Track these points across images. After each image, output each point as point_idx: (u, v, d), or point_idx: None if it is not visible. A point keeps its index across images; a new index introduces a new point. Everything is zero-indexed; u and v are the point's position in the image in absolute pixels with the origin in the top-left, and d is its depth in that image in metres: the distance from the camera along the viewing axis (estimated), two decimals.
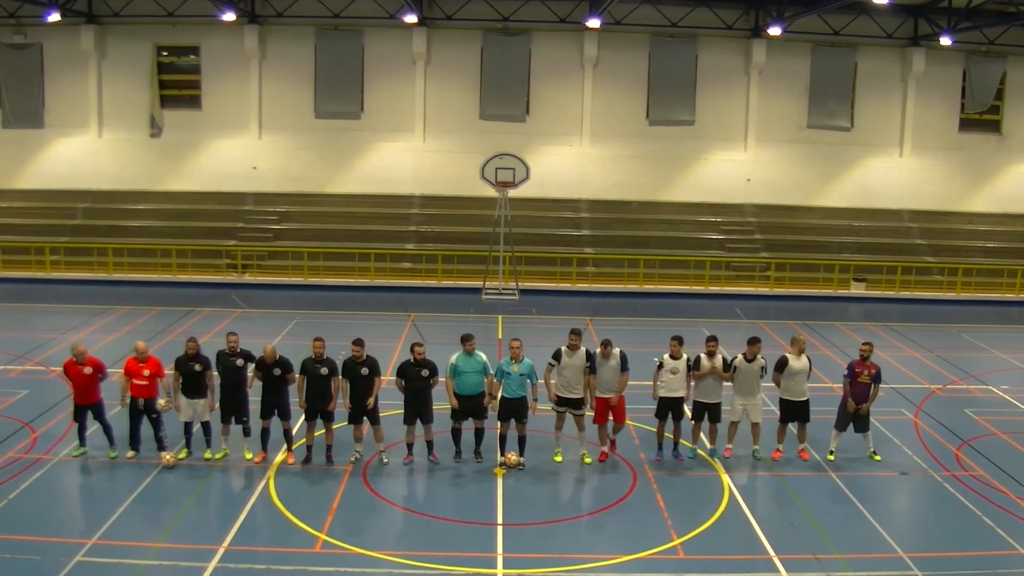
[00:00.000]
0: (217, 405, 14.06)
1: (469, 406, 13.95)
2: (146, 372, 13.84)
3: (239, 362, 13.91)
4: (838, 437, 14.74)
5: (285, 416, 13.94)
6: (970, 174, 36.07)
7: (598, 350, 14.17)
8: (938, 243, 34.78)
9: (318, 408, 13.79)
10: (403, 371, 13.85)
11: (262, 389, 13.79)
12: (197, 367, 13.92)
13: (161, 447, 13.92)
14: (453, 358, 13.93)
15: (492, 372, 14.04)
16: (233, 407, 13.95)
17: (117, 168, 34.71)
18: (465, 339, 13.94)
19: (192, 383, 13.93)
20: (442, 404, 14.13)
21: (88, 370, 13.83)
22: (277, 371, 13.77)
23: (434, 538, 11.77)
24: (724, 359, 14.43)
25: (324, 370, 13.75)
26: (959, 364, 22.23)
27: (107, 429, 14.06)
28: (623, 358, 14.11)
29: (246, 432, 14.09)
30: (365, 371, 13.71)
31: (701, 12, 33.86)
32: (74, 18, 33.04)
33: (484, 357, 13.97)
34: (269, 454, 14.02)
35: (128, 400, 13.84)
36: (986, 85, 35.19)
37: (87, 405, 13.92)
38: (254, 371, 13.88)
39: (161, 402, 13.89)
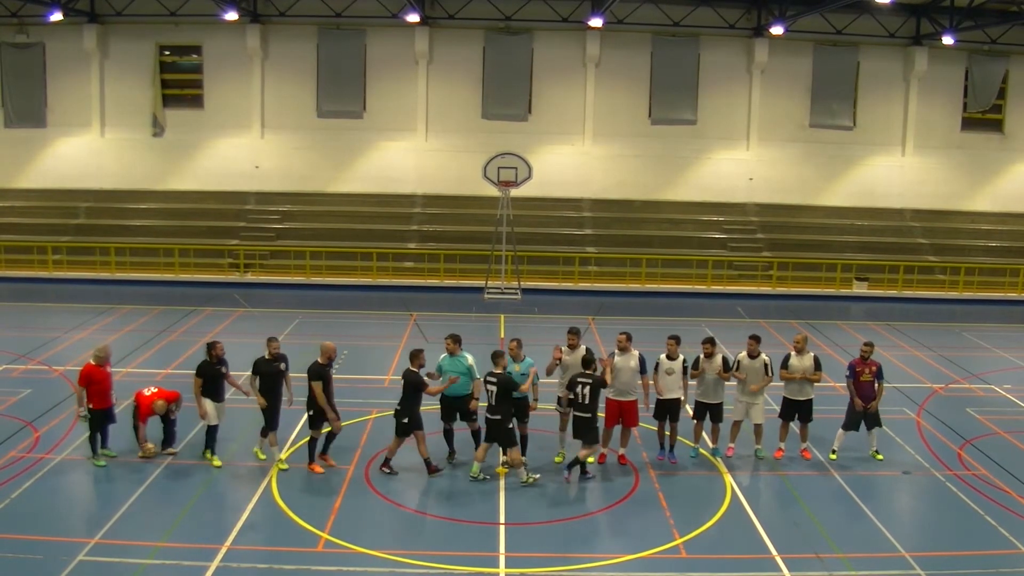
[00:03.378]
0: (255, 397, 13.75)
1: (456, 407, 13.90)
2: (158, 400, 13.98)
3: (282, 366, 13.77)
4: (844, 437, 14.71)
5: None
6: (972, 173, 36.05)
7: (616, 342, 14.08)
8: (940, 242, 34.75)
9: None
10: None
11: (316, 394, 13.47)
12: (223, 369, 13.85)
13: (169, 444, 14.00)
14: (440, 358, 13.93)
15: (479, 375, 13.85)
16: (275, 413, 13.71)
17: (119, 167, 34.74)
18: (447, 340, 13.94)
19: (218, 387, 13.79)
20: (434, 405, 14.16)
21: (110, 368, 13.79)
22: (331, 370, 13.67)
23: (436, 537, 11.79)
24: (724, 359, 14.41)
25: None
26: (961, 363, 22.21)
27: (107, 435, 13.95)
28: (642, 360, 14.04)
29: (264, 434, 13.93)
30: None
31: (703, 11, 33.84)
32: (76, 17, 33.07)
33: (470, 359, 13.87)
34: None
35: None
36: (988, 84, 35.17)
37: (107, 409, 13.69)
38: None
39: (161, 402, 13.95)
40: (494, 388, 13.19)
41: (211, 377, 13.71)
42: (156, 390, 14.13)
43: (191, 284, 30.43)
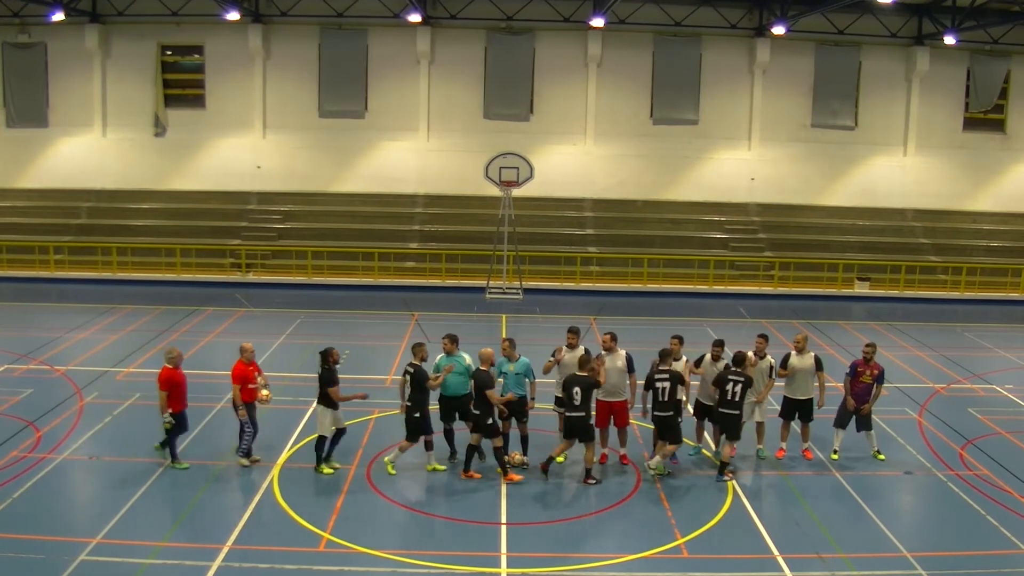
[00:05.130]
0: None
1: (455, 407, 13.89)
2: (257, 375, 13.68)
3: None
4: (840, 435, 14.71)
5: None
6: (974, 173, 36.01)
7: (602, 343, 14.12)
8: (942, 242, 34.73)
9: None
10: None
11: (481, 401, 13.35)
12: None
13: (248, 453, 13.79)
14: (437, 358, 13.92)
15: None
16: (426, 421, 13.55)
17: (121, 167, 34.75)
18: (443, 339, 13.94)
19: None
20: (434, 405, 14.18)
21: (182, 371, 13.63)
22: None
23: (438, 537, 11.80)
24: (728, 365, 14.32)
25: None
26: (963, 363, 22.19)
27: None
28: (629, 359, 14.05)
29: (428, 446, 13.78)
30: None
31: (705, 11, 33.84)
32: (78, 17, 33.08)
33: (468, 359, 13.83)
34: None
35: (244, 411, 13.48)
36: (990, 84, 35.14)
37: (181, 413, 13.49)
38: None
39: (265, 392, 13.81)
40: (666, 384, 13.30)
41: (332, 383, 13.34)
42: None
43: (193, 284, 30.45)
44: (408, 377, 13.39)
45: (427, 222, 34.28)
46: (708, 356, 14.32)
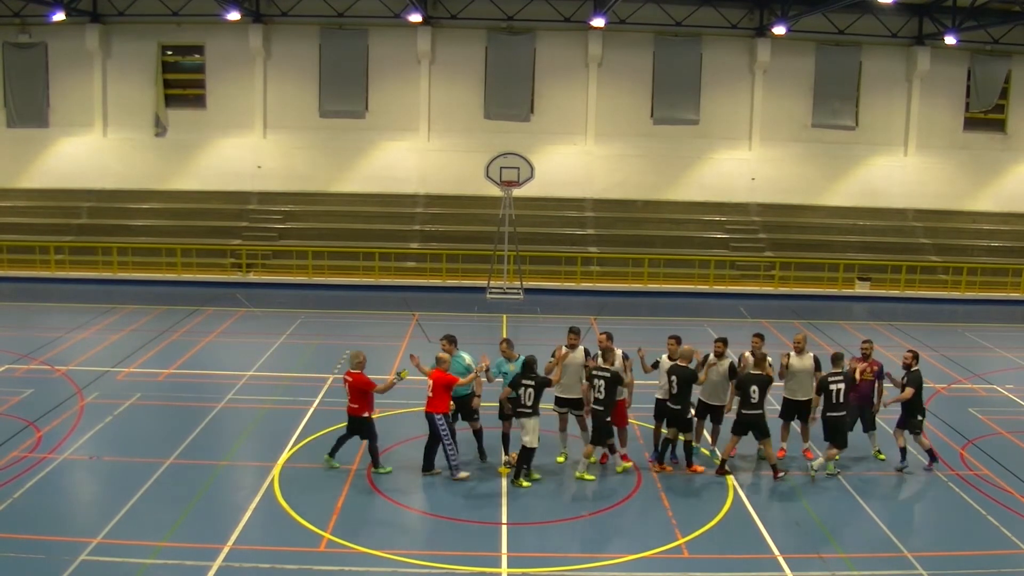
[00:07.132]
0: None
1: (457, 406, 13.84)
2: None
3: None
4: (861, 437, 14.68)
5: None
6: (975, 173, 36.00)
7: (598, 343, 14.10)
8: (942, 242, 34.72)
9: None
10: None
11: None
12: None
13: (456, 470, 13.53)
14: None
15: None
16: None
17: (122, 167, 34.74)
18: (442, 340, 13.94)
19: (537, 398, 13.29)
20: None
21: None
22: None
23: (438, 537, 11.79)
24: (732, 365, 14.23)
25: None
26: (964, 363, 22.18)
27: (341, 446, 13.81)
28: (626, 359, 14.03)
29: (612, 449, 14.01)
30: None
31: (705, 11, 33.83)
32: (78, 17, 33.09)
33: (468, 358, 13.85)
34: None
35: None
36: (991, 84, 35.13)
37: (363, 418, 13.48)
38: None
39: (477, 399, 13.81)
40: (841, 387, 13.62)
41: (542, 387, 13.29)
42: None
43: (193, 284, 30.44)
44: (603, 381, 13.28)
45: (427, 222, 34.28)
46: (711, 355, 14.28)
